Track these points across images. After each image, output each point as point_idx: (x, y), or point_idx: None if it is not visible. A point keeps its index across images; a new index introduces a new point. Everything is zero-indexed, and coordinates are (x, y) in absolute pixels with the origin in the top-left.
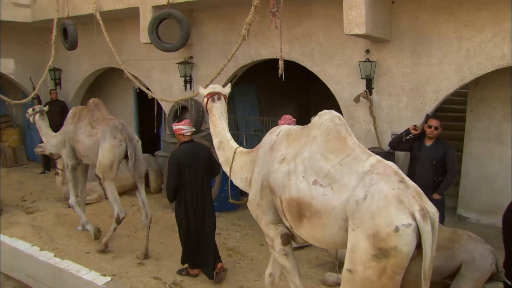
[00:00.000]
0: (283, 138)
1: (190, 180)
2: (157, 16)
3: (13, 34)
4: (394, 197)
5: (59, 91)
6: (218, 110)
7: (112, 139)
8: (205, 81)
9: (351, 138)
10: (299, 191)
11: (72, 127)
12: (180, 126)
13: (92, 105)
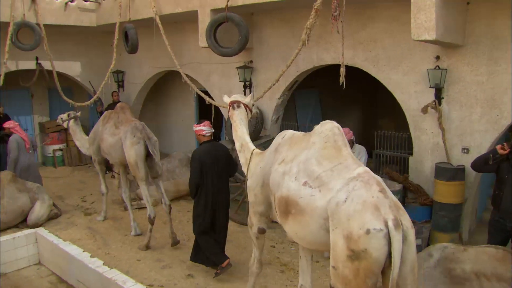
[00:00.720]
0: (287, 141)
1: (211, 177)
2: (215, 19)
3: (79, 38)
4: (371, 204)
5: (121, 93)
6: (238, 117)
7: (132, 137)
8: (264, 86)
9: (346, 149)
10: (289, 190)
11: (101, 128)
12: (201, 127)
13: (119, 108)
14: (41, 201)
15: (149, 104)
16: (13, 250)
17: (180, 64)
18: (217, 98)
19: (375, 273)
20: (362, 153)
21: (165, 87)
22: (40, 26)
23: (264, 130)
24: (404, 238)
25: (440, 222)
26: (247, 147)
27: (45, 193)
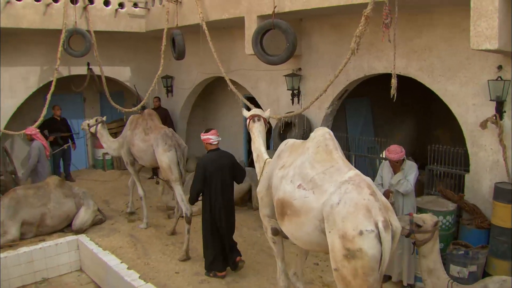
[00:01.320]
0: (288, 148)
1: (215, 184)
2: (261, 27)
3: (128, 43)
4: (363, 206)
5: (170, 98)
6: (257, 130)
7: (163, 144)
8: (313, 95)
9: (337, 152)
10: (285, 192)
11: (129, 132)
12: (208, 136)
13: (146, 114)
14: (86, 207)
15: (197, 110)
16: (55, 256)
17: (227, 70)
18: (265, 106)
19: (374, 270)
20: (412, 169)
21: (213, 92)
22: (90, 32)
23: None
24: (393, 237)
25: (499, 248)
26: (261, 157)
27: (90, 199)
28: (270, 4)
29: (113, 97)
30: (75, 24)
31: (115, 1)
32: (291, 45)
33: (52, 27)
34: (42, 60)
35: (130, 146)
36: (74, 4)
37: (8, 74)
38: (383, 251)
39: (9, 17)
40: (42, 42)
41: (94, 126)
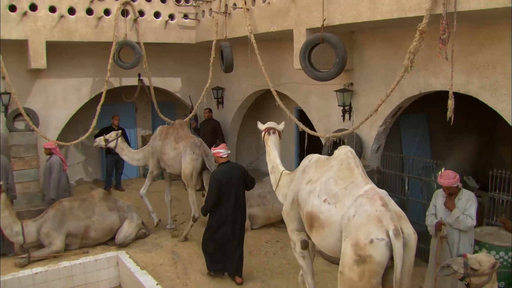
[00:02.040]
0: (313, 164)
1: (228, 194)
2: (309, 41)
3: (179, 54)
4: (375, 217)
5: (220, 110)
6: (272, 142)
7: (191, 153)
8: (365, 111)
9: (358, 169)
10: (313, 206)
11: (160, 142)
12: (218, 150)
13: (177, 124)
14: (129, 220)
15: (249, 121)
16: (95, 272)
17: (277, 83)
18: (315, 122)
19: (378, 274)
20: (471, 201)
21: (265, 104)
22: (140, 44)
23: (363, 160)
24: (405, 244)
25: None
26: (277, 168)
27: (135, 212)
28: (319, 17)
29: (165, 107)
30: (125, 36)
31: (165, 13)
32: (340, 61)
33: (103, 40)
34: (93, 72)
35: (161, 155)
36: (124, 17)
37: (62, 86)
38: (395, 256)
39: (62, 31)
40: (94, 54)
41: (114, 140)
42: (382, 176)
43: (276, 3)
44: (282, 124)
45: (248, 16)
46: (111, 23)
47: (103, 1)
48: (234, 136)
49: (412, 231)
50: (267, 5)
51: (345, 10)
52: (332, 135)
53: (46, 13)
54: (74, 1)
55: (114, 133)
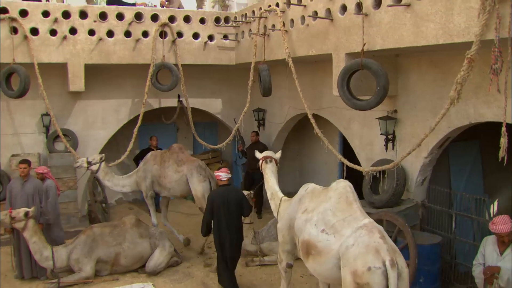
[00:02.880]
0: (309, 194)
1: (223, 216)
2: (348, 67)
3: (219, 75)
4: (373, 248)
5: (262, 132)
6: (269, 170)
7: (198, 175)
8: (410, 141)
9: (356, 203)
10: (310, 235)
11: (157, 167)
12: (219, 173)
13: (176, 148)
14: (161, 248)
15: (292, 143)
16: None
17: (318, 107)
18: (357, 149)
19: None
20: None
21: (308, 126)
22: (178, 66)
23: (407, 193)
24: (399, 275)
25: None
26: (276, 195)
27: (167, 239)
28: (359, 41)
29: (207, 128)
30: (163, 58)
31: (204, 34)
32: (381, 89)
33: (140, 62)
34: (132, 93)
35: (161, 178)
36: (163, 38)
37: (101, 107)
38: (390, 285)
39: (100, 53)
40: (133, 75)
41: (98, 164)
42: (427, 211)
43: (315, 25)
44: (279, 153)
45: (286, 38)
46: (149, 45)
47: (141, 23)
48: None
49: (405, 265)
50: (305, 27)
51: (387, 34)
52: (372, 169)
53: (85, 36)
54: (112, 24)
55: (98, 156)
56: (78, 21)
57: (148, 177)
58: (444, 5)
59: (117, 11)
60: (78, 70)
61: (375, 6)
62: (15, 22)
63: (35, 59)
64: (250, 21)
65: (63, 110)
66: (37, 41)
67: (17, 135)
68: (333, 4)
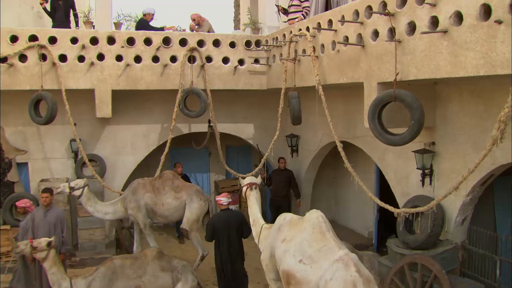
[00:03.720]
0: (287, 223)
1: (222, 238)
2: (379, 98)
3: (251, 100)
4: (349, 282)
5: (295, 158)
6: (253, 197)
7: (199, 200)
8: (449, 177)
9: (329, 233)
10: (289, 265)
11: (149, 195)
12: (220, 198)
13: (170, 175)
14: (183, 282)
15: (327, 169)
16: None
17: (352, 136)
18: (392, 182)
19: None
20: None
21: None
22: (207, 92)
23: (445, 234)
24: None
25: None
26: (258, 222)
27: (191, 273)
28: (392, 69)
29: (240, 152)
30: (191, 83)
31: (234, 58)
32: (416, 124)
33: (168, 88)
34: (162, 118)
35: (156, 206)
36: (191, 63)
37: (130, 132)
38: None
39: (127, 79)
40: (162, 100)
41: (81, 189)
42: (468, 255)
43: (346, 52)
44: (259, 178)
45: (316, 65)
46: (177, 70)
47: (169, 48)
48: (309, 186)
49: None
50: (336, 53)
51: (422, 63)
52: (404, 211)
53: (113, 62)
54: (140, 49)
55: (81, 181)
56: (105, 46)
57: (142, 206)
58: (486, 32)
59: (145, 36)
60: (105, 96)
61: (409, 32)
62: (44, 49)
63: (63, 85)
64: (281, 45)
65: (92, 135)
66: (65, 67)
67: (47, 160)
68: (364, 29)
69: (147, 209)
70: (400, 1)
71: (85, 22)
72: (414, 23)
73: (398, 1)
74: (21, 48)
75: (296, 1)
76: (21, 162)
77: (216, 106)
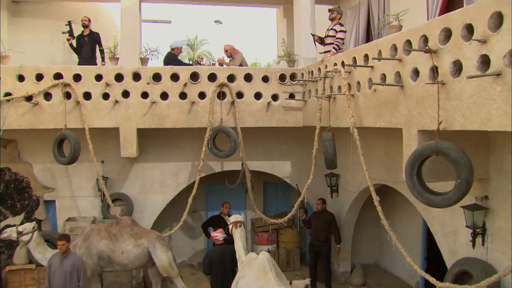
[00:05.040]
0: (247, 262)
1: (217, 271)
2: (418, 152)
3: (289, 135)
4: None
5: (335, 199)
6: (238, 234)
7: (161, 246)
8: (505, 239)
9: (271, 272)
10: None
11: (106, 242)
12: (215, 233)
13: (128, 221)
14: None
15: (370, 209)
16: None
17: (395, 179)
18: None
19: None
20: None
21: (389, 192)
22: (237, 130)
23: None
24: None
25: None
26: (240, 257)
27: None
28: (434, 116)
29: (279, 188)
30: (221, 121)
31: (267, 93)
32: (463, 183)
33: (196, 126)
34: (192, 156)
35: (114, 254)
36: (221, 100)
37: (159, 170)
38: None
39: (153, 117)
40: (192, 137)
41: (30, 234)
42: None
43: (384, 91)
44: (242, 216)
45: (352, 104)
46: (205, 108)
47: (197, 83)
48: (349, 229)
49: None
50: (373, 92)
51: (469, 111)
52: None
53: (138, 99)
54: (167, 86)
55: (29, 225)
56: (130, 83)
57: (94, 253)
58: None
59: (172, 71)
60: (130, 135)
61: (454, 73)
62: (69, 87)
63: (87, 124)
64: (316, 80)
65: (120, 173)
66: (89, 105)
67: (74, 198)
68: (403, 67)
69: (102, 257)
70: (444, 36)
71: (110, 58)
72: (460, 63)
73: (441, 36)
74: (46, 86)
75: (332, 31)
76: (48, 200)
77: (249, 142)
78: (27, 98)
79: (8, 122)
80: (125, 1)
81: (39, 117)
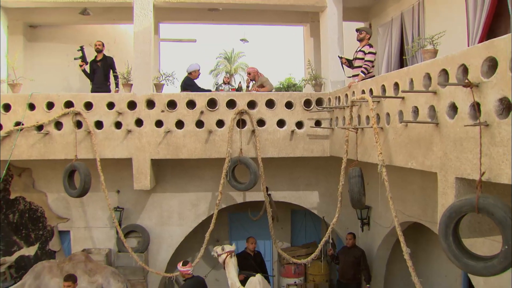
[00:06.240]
0: None
1: None
2: (455, 208)
3: (316, 164)
4: None
5: (366, 232)
6: (232, 263)
7: (116, 282)
8: None
9: None
10: None
11: (57, 279)
12: (186, 268)
13: (82, 257)
14: None
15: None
16: None
17: (431, 219)
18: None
19: None
20: None
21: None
22: (258, 161)
23: None
24: None
25: None
26: (235, 285)
27: None
28: (476, 163)
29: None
30: (240, 151)
31: (291, 121)
32: (510, 249)
33: (214, 156)
34: (212, 185)
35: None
36: (240, 128)
37: (177, 201)
38: None
39: (168, 147)
40: (212, 165)
41: None
42: None
43: (416, 127)
44: (234, 245)
45: (380, 140)
46: (224, 136)
47: (215, 111)
48: (382, 266)
49: None
50: (404, 127)
51: None
52: None
53: (152, 128)
54: (182, 113)
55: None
56: (144, 111)
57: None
58: None
59: (188, 98)
60: (143, 166)
61: (501, 112)
62: (79, 116)
63: (98, 155)
64: (343, 107)
65: (136, 204)
66: (100, 135)
67: (89, 229)
68: (438, 100)
69: None
70: (487, 67)
71: (124, 84)
72: (508, 100)
73: (484, 67)
74: (56, 115)
75: (360, 53)
76: (63, 230)
77: (273, 172)
78: (38, 127)
79: (18, 152)
80: (138, 24)
81: (50, 147)
